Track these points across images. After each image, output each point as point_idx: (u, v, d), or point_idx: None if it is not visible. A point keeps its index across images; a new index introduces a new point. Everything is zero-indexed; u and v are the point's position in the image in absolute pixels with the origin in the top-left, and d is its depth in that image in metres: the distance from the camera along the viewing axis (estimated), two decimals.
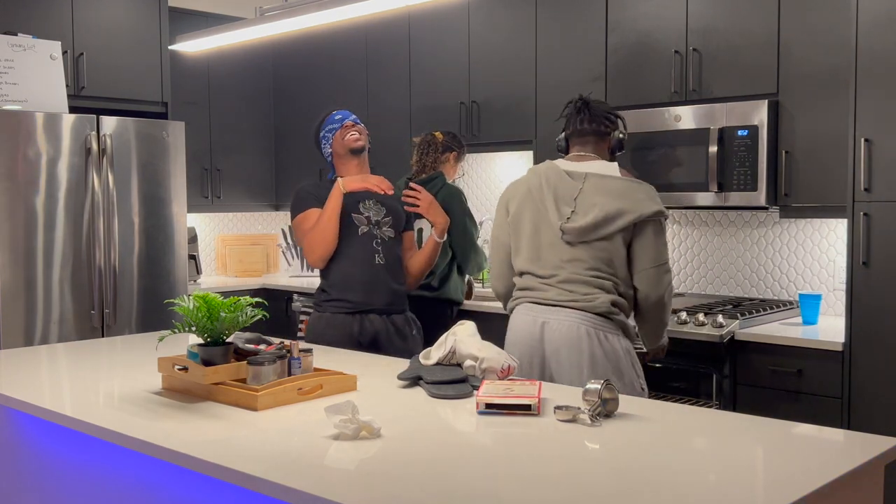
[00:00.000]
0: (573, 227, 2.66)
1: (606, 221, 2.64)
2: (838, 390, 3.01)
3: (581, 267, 2.67)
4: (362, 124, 3.27)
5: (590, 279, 2.65)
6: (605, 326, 2.64)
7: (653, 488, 1.48)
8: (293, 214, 3.20)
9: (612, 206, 2.64)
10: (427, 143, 3.83)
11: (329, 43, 5.25)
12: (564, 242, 2.69)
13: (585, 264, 2.66)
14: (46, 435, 2.36)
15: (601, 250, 2.65)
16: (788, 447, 1.72)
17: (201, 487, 1.90)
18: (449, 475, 1.57)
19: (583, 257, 2.66)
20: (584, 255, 2.66)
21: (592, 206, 2.66)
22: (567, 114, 2.91)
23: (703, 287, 4.03)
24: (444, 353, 2.37)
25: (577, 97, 2.90)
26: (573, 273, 2.67)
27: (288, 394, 2.13)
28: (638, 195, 2.67)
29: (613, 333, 2.65)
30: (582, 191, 2.70)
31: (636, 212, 2.63)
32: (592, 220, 2.64)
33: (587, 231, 2.64)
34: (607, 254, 2.66)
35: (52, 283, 4.14)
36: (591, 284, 2.65)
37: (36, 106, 4.18)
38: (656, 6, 3.74)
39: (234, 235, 5.75)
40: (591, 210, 2.65)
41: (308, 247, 3.13)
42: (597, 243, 2.65)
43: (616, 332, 2.66)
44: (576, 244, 2.67)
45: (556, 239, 2.70)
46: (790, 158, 3.39)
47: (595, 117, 2.84)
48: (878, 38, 2.90)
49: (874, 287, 2.92)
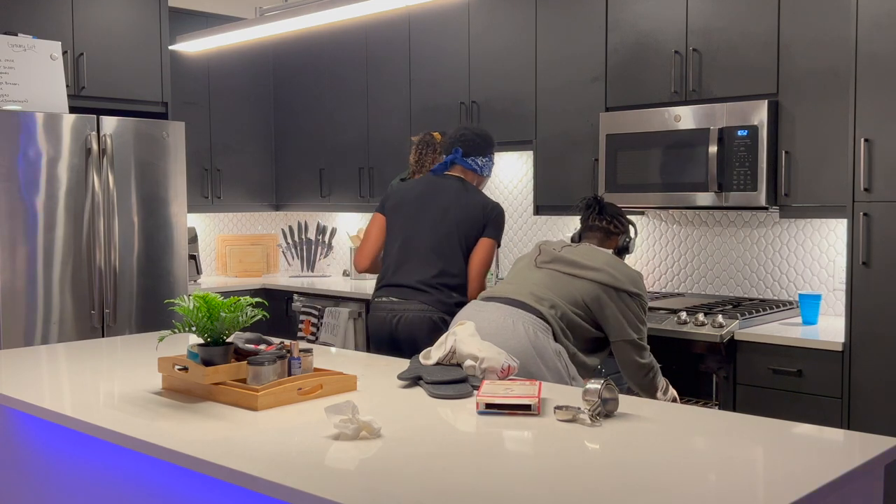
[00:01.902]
0: (548, 250, 2.90)
1: (576, 264, 2.83)
2: (838, 390, 3.01)
3: (533, 286, 2.84)
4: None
5: (536, 291, 2.80)
6: (538, 325, 2.69)
7: (653, 488, 1.48)
8: (499, 244, 3.37)
9: (590, 261, 2.82)
10: (426, 143, 3.84)
11: (329, 43, 5.25)
12: (534, 266, 2.91)
13: (541, 284, 2.84)
14: (46, 435, 2.36)
15: (560, 279, 2.83)
16: (788, 447, 1.72)
17: (201, 487, 1.90)
18: (449, 475, 1.57)
19: (542, 279, 2.85)
20: (543, 277, 2.86)
21: (568, 255, 2.87)
22: (580, 209, 3.11)
23: (703, 287, 4.03)
24: (444, 353, 2.37)
25: (592, 195, 3.11)
26: (526, 285, 2.85)
27: (288, 394, 2.13)
28: (623, 269, 2.83)
29: (545, 333, 2.69)
30: (565, 248, 2.92)
31: (610, 279, 2.78)
32: (563, 256, 2.85)
33: (555, 261, 2.87)
34: (564, 285, 2.82)
35: (52, 283, 4.14)
36: (537, 295, 2.79)
37: (36, 106, 4.18)
38: (656, 6, 3.74)
39: (234, 235, 5.75)
40: (567, 255, 2.86)
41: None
42: (559, 273, 2.84)
43: (547, 333, 2.70)
44: (541, 266, 2.89)
45: (527, 268, 2.94)
46: (790, 158, 3.39)
47: (605, 216, 3.03)
48: (878, 38, 2.90)
49: (874, 287, 2.92)
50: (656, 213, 4.16)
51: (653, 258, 4.20)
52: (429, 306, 3.15)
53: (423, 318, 3.14)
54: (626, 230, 3.05)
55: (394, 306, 3.20)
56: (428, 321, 3.14)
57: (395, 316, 3.18)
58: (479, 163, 3.39)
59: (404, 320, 3.16)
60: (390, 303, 3.21)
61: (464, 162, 3.37)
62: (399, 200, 3.37)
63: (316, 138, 5.38)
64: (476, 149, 3.39)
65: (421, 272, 3.21)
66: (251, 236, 5.77)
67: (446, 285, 3.20)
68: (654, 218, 4.18)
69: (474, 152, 3.39)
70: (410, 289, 3.20)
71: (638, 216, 4.22)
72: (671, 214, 4.12)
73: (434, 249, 3.23)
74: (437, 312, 3.15)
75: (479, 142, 3.39)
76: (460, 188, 3.32)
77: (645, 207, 3.77)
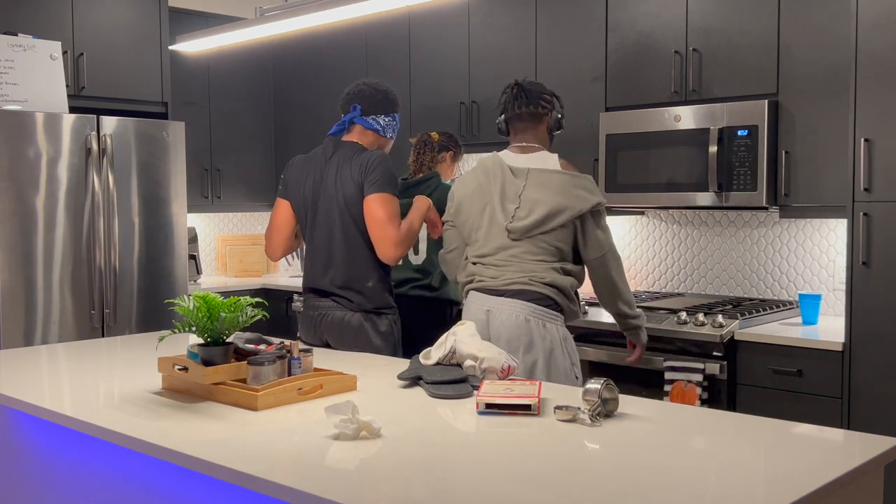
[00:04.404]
0: (517, 227, 2.80)
1: (547, 219, 2.78)
2: (838, 390, 3.01)
3: (525, 258, 2.81)
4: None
5: (533, 271, 2.79)
6: (545, 315, 2.77)
7: (653, 488, 1.48)
8: (392, 192, 2.93)
9: (553, 204, 2.77)
10: (423, 143, 3.83)
11: (329, 43, 5.25)
12: (510, 238, 2.83)
13: (530, 255, 2.80)
14: (46, 435, 2.36)
15: (545, 242, 2.80)
16: (788, 447, 1.72)
17: (201, 487, 1.90)
18: (449, 475, 1.57)
19: (528, 249, 2.81)
20: (529, 247, 2.81)
21: (535, 203, 2.79)
22: (504, 100, 2.97)
23: (703, 287, 4.03)
24: (444, 353, 2.37)
25: (513, 82, 2.97)
26: (517, 264, 2.81)
27: (288, 394, 2.13)
28: (576, 190, 2.80)
29: (552, 321, 2.78)
30: (525, 188, 2.82)
31: (575, 208, 2.77)
32: (534, 220, 2.78)
33: (530, 230, 2.79)
34: (551, 245, 2.80)
35: (52, 283, 4.14)
36: (534, 274, 2.78)
37: (36, 106, 4.18)
38: (656, 6, 3.74)
39: (234, 235, 5.75)
40: (535, 208, 2.79)
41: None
42: (539, 236, 2.79)
43: (555, 321, 2.79)
44: (521, 238, 2.81)
45: (502, 233, 2.83)
46: (790, 158, 3.39)
47: (531, 100, 2.91)
48: (878, 38, 2.90)
49: (874, 287, 2.92)
50: (656, 213, 4.16)
51: (653, 258, 4.20)
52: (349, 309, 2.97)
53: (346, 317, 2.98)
54: (553, 105, 2.94)
55: (318, 304, 3.03)
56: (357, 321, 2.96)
57: (321, 315, 3.01)
58: (380, 122, 3.05)
59: (328, 319, 2.99)
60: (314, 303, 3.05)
61: (363, 121, 3.02)
62: (295, 189, 3.07)
63: (316, 138, 5.38)
64: (377, 106, 3.04)
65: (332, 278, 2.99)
66: (251, 236, 5.77)
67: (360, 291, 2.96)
68: (654, 218, 4.18)
69: (375, 110, 3.04)
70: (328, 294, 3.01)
71: (638, 216, 4.22)
72: (671, 214, 4.12)
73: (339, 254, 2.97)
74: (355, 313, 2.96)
75: (381, 98, 3.04)
76: (345, 160, 2.95)
77: (645, 207, 3.77)
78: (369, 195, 2.87)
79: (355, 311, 2.95)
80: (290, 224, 3.09)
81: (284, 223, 3.09)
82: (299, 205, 3.04)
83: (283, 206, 3.09)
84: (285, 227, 3.09)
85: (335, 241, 2.95)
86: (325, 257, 2.98)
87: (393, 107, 3.09)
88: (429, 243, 3.65)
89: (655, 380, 3.38)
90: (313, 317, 3.01)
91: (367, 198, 2.87)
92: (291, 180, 3.07)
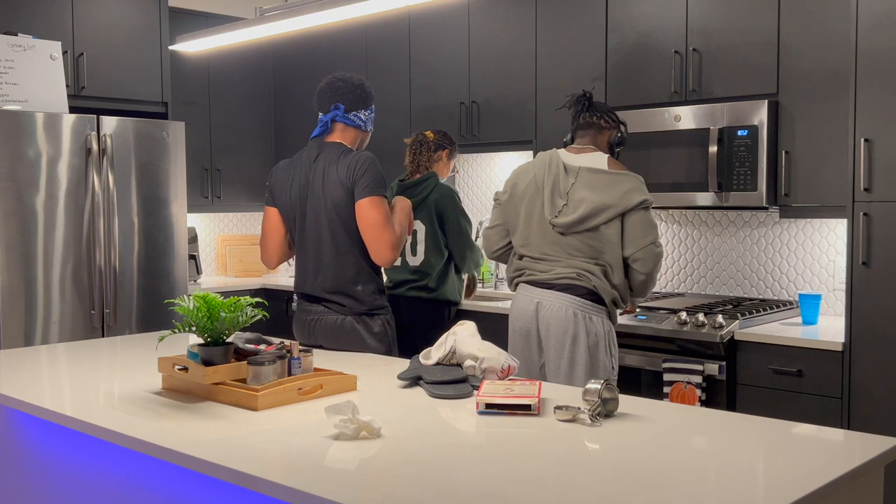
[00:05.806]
0: (561, 223, 2.92)
1: (591, 216, 2.88)
2: (838, 390, 3.01)
3: (572, 253, 2.93)
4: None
5: (579, 264, 2.91)
6: (592, 308, 2.90)
7: (653, 488, 1.48)
8: (384, 194, 2.88)
9: (598, 201, 2.87)
10: (419, 142, 3.83)
11: (329, 43, 5.25)
12: (556, 232, 2.94)
13: (576, 251, 2.92)
14: (46, 435, 2.36)
15: (590, 239, 2.90)
16: (788, 447, 1.72)
17: (201, 487, 1.90)
18: (449, 475, 1.57)
19: (574, 244, 2.92)
20: (574, 242, 2.92)
21: (581, 201, 2.89)
22: (571, 108, 3.13)
23: (703, 287, 4.03)
24: (444, 353, 2.37)
25: (582, 92, 3.12)
26: (566, 259, 2.93)
27: (288, 394, 2.13)
28: (623, 187, 2.89)
29: (598, 315, 2.91)
30: (574, 185, 2.93)
31: (620, 205, 2.87)
32: (578, 217, 2.88)
33: (573, 226, 2.90)
34: (596, 242, 2.90)
35: (52, 283, 4.14)
36: (581, 269, 2.91)
37: (36, 106, 4.18)
38: (656, 6, 3.74)
39: (234, 235, 5.75)
40: (580, 206, 2.89)
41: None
42: (585, 234, 2.90)
43: (601, 314, 2.92)
44: (567, 234, 2.92)
45: (547, 227, 2.95)
46: (790, 158, 3.39)
47: (596, 112, 3.09)
48: (878, 38, 2.90)
49: (874, 287, 2.92)
50: (656, 213, 4.16)
51: None
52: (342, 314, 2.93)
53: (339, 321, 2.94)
54: (617, 124, 3.11)
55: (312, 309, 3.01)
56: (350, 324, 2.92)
57: (314, 320, 2.98)
58: (361, 118, 2.97)
59: (322, 323, 2.96)
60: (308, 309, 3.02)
61: (346, 119, 2.94)
62: (281, 195, 3.01)
63: None
64: (358, 102, 2.96)
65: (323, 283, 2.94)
66: (251, 236, 5.77)
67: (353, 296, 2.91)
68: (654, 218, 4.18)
69: (356, 106, 2.96)
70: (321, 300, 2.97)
71: None
72: (671, 214, 4.12)
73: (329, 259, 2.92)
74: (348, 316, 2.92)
75: (360, 93, 2.96)
76: (331, 162, 2.89)
77: None
78: (362, 199, 2.82)
79: (347, 314, 2.92)
80: (280, 231, 3.04)
81: (275, 231, 3.04)
82: (287, 210, 3.00)
83: (271, 214, 3.03)
84: (276, 235, 3.04)
85: (324, 244, 2.92)
86: (313, 261, 2.95)
87: (371, 99, 3.02)
88: (426, 245, 3.66)
89: (655, 380, 3.38)
90: (307, 321, 3.00)
91: (360, 202, 2.82)
92: (277, 187, 3.01)
